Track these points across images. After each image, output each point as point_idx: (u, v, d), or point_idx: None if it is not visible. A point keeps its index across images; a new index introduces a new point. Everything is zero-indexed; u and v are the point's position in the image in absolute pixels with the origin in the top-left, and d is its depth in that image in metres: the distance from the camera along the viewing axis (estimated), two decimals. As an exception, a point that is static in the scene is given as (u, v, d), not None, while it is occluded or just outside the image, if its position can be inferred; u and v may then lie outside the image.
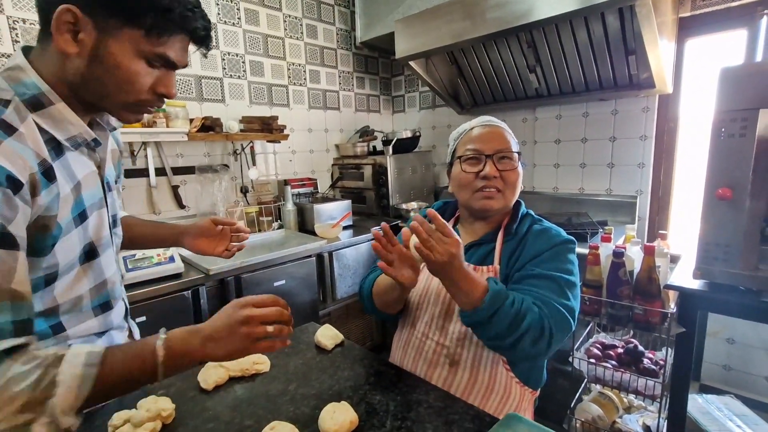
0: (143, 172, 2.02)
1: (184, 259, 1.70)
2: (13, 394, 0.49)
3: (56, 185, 0.62)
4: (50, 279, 0.67)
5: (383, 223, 0.87)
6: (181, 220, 2.15)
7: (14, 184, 0.54)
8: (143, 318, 1.47)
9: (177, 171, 2.14)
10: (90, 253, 0.74)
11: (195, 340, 0.62)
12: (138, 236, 1.01)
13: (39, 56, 0.63)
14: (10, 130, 0.57)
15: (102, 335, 0.80)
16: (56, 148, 0.64)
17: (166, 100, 0.70)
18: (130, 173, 1.98)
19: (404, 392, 0.85)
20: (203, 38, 0.68)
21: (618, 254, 1.30)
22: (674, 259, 1.52)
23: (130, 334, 0.91)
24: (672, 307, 1.30)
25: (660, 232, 1.62)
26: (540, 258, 0.92)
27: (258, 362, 0.94)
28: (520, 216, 1.02)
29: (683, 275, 1.30)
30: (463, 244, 1.04)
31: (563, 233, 0.97)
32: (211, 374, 0.89)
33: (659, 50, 1.68)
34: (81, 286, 0.73)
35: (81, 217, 0.69)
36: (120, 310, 0.85)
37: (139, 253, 1.54)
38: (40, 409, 0.51)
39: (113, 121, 0.79)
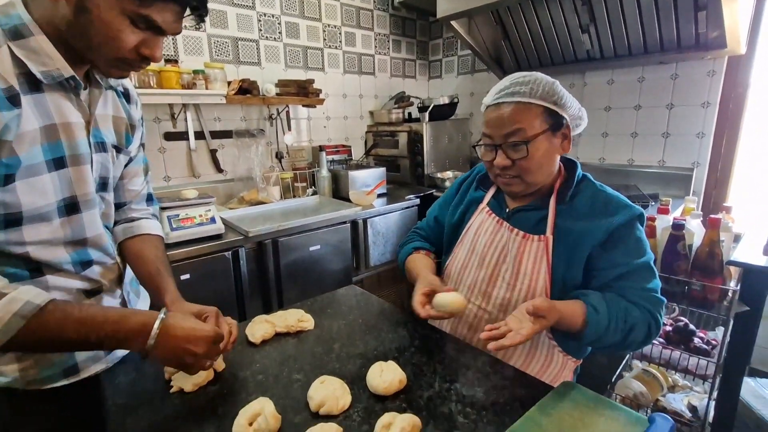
0: (183, 135, 2.04)
1: (224, 222, 1.73)
2: None
3: (20, 113, 0.62)
4: (11, 221, 0.65)
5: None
6: (219, 184, 2.18)
7: None
8: (187, 276, 1.51)
9: (215, 135, 2.15)
10: (71, 207, 0.73)
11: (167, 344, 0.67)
12: (138, 273, 0.90)
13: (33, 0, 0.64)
14: None
15: (92, 296, 0.79)
16: (31, 83, 0.64)
17: (151, 62, 0.70)
18: (170, 136, 2.01)
19: (451, 356, 0.83)
20: (195, 6, 0.66)
21: (678, 226, 1.21)
22: (736, 238, 1.41)
23: (123, 302, 0.87)
24: (734, 285, 1.21)
25: (724, 205, 1.50)
26: (621, 251, 0.85)
27: (303, 320, 0.95)
28: (576, 181, 0.94)
29: (750, 251, 1.20)
30: (509, 208, 0.99)
31: (630, 203, 0.88)
32: (258, 329, 0.90)
33: (736, 3, 1.51)
34: (57, 239, 0.72)
35: (57, 163, 0.69)
36: (109, 273, 0.83)
37: (182, 213, 1.57)
38: None
39: (113, 82, 0.81)
